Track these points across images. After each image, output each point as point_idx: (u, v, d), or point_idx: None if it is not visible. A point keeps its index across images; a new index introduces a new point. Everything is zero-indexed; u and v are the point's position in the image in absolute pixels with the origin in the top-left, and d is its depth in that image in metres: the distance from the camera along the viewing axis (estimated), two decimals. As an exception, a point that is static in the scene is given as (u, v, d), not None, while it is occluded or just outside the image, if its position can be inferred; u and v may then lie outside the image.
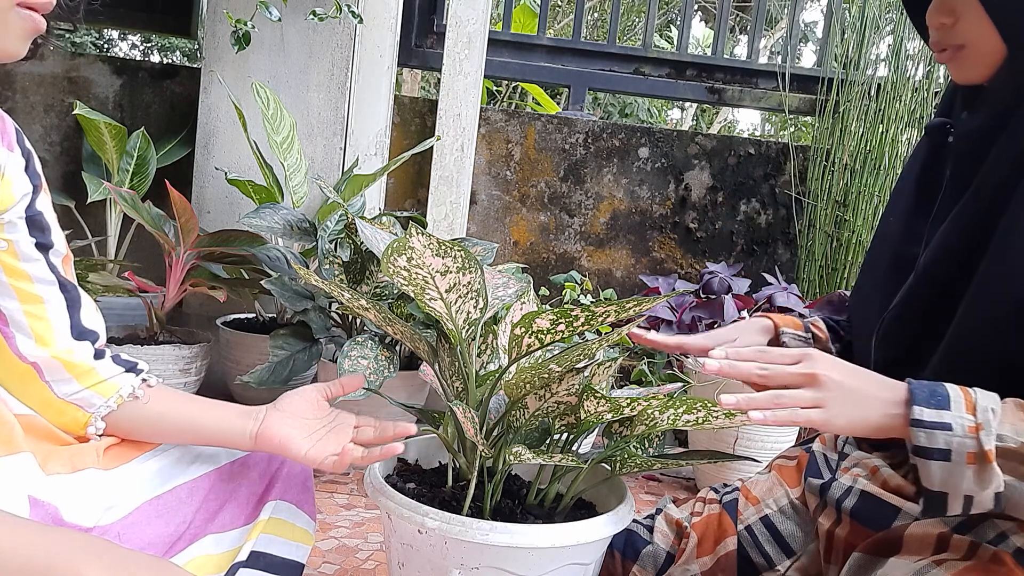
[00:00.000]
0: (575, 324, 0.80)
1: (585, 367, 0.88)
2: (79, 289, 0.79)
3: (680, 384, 1.17)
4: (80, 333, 0.78)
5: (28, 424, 0.74)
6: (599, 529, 0.83)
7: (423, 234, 0.80)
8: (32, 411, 0.76)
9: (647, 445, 0.99)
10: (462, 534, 0.80)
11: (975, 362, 0.74)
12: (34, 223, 0.74)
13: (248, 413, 0.81)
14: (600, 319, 0.79)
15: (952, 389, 0.69)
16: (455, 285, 0.84)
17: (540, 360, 0.95)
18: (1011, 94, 0.76)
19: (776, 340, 0.97)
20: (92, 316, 0.81)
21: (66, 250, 0.79)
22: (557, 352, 0.86)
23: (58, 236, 0.77)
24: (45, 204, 0.76)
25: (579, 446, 1.00)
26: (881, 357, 0.85)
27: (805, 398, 0.69)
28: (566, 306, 0.83)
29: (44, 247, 0.75)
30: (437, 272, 0.83)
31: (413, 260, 0.81)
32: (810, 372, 0.70)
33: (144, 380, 0.82)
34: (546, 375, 0.83)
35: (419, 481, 0.97)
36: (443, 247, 0.81)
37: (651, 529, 1.02)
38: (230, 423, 0.80)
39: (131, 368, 0.82)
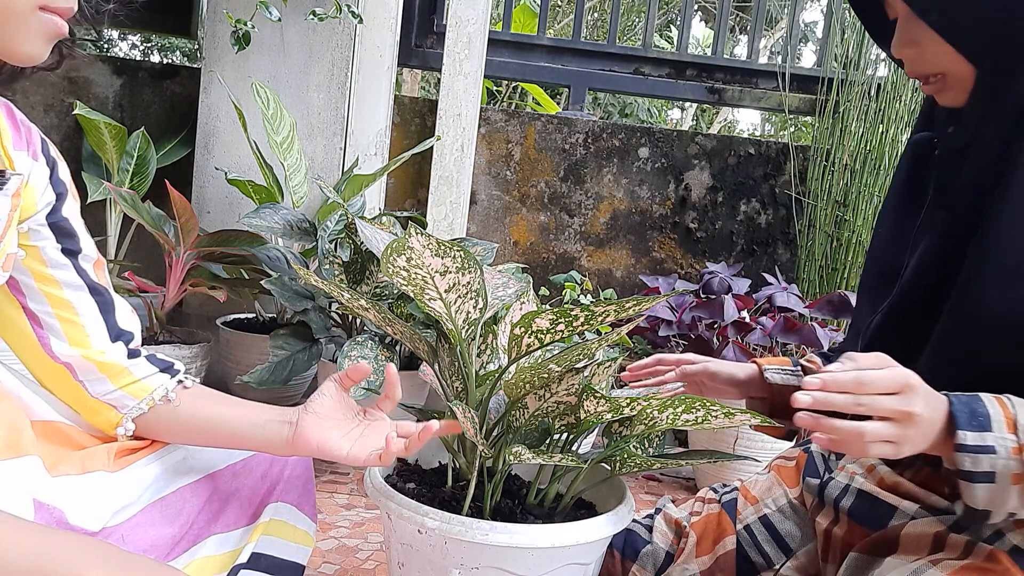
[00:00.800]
0: (575, 324, 0.80)
1: (585, 367, 0.88)
2: (111, 292, 0.79)
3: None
4: (116, 335, 0.79)
5: (47, 429, 0.75)
6: (599, 529, 0.83)
7: (422, 234, 0.80)
8: (58, 417, 0.77)
9: (647, 445, 0.99)
10: (462, 534, 0.80)
11: (960, 361, 0.74)
12: (60, 229, 0.75)
13: (283, 417, 0.80)
14: (600, 319, 0.79)
15: (990, 405, 0.67)
16: (454, 285, 0.84)
17: (540, 360, 0.95)
18: (988, 109, 0.77)
19: (760, 377, 0.96)
20: (127, 317, 0.81)
21: (96, 255, 0.79)
22: (557, 352, 0.86)
23: (87, 241, 0.78)
24: (71, 210, 0.77)
25: (579, 446, 1.01)
26: None
27: (885, 434, 0.65)
28: (566, 306, 0.83)
29: (72, 252, 0.76)
30: (436, 272, 0.83)
31: (412, 260, 0.82)
32: (907, 411, 0.65)
33: (180, 382, 0.82)
34: (546, 375, 0.83)
35: (419, 481, 0.97)
36: (442, 247, 0.81)
37: (650, 529, 1.02)
38: (265, 428, 0.79)
39: (167, 368, 0.82)
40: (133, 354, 0.79)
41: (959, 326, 0.75)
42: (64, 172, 0.76)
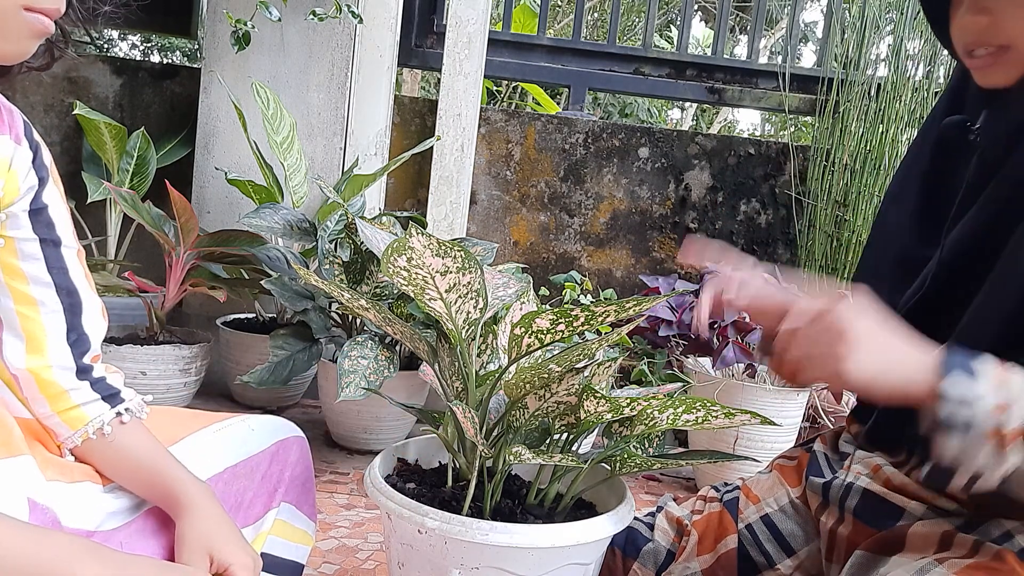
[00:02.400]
0: (575, 324, 0.80)
1: (585, 367, 0.88)
2: (82, 291, 0.77)
3: (680, 384, 1.17)
4: (76, 339, 0.76)
5: (27, 426, 0.74)
6: (599, 529, 0.83)
7: (423, 234, 0.80)
8: (31, 415, 0.76)
9: (647, 445, 0.98)
10: (462, 534, 0.80)
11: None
12: (39, 217, 0.73)
13: (172, 501, 0.74)
14: (600, 319, 0.79)
15: (986, 363, 0.65)
16: (455, 285, 0.84)
17: (540, 360, 0.94)
18: None
19: None
20: (94, 321, 0.78)
21: (77, 244, 0.77)
22: (557, 352, 0.86)
23: (67, 230, 0.75)
24: (52, 196, 0.74)
25: (579, 446, 1.00)
26: None
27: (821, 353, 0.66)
28: (566, 306, 0.83)
29: (50, 243, 0.74)
30: (437, 272, 0.83)
31: (413, 260, 0.81)
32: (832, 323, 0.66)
33: (119, 414, 0.77)
34: (546, 375, 0.83)
35: (419, 481, 0.97)
36: (443, 247, 0.81)
37: (652, 527, 1.02)
38: (158, 499, 0.75)
39: (110, 396, 0.78)
40: (83, 370, 0.76)
41: (987, 311, 0.73)
42: (47, 156, 0.74)
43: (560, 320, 0.80)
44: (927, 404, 0.66)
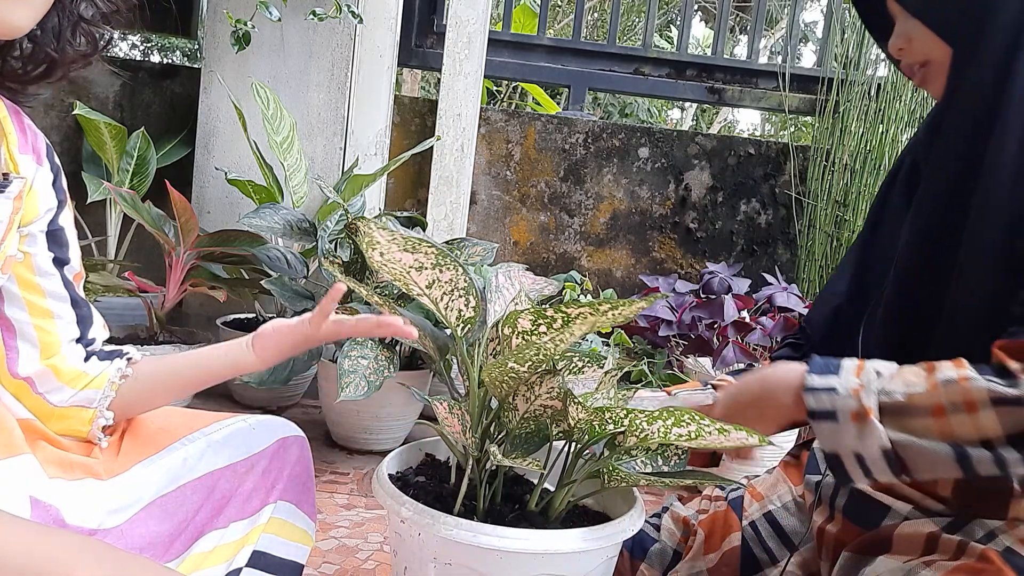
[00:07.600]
0: (554, 326, 0.79)
1: (559, 370, 0.87)
2: (91, 307, 0.80)
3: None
4: (84, 343, 0.79)
5: (29, 427, 0.74)
6: (570, 542, 0.80)
7: (384, 228, 0.79)
8: (33, 416, 0.76)
9: (658, 460, 0.96)
10: (430, 527, 0.79)
11: (978, 324, 0.74)
12: (54, 238, 0.75)
13: (237, 340, 0.83)
14: (576, 322, 0.78)
15: (849, 360, 0.74)
16: (435, 282, 0.83)
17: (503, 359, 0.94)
18: (955, 85, 0.80)
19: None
20: (99, 331, 0.81)
21: (80, 268, 0.79)
22: (512, 349, 0.84)
23: (75, 253, 0.78)
24: (67, 219, 0.77)
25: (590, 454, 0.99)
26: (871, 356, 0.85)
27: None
28: (539, 307, 0.82)
29: (60, 262, 0.76)
30: (411, 268, 0.82)
31: (384, 255, 0.81)
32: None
33: (128, 359, 0.82)
34: (514, 374, 0.81)
35: (430, 475, 0.96)
36: (410, 243, 0.80)
37: (658, 528, 1.02)
38: (226, 350, 0.82)
39: (115, 355, 0.82)
40: (88, 356, 0.80)
41: (970, 278, 0.76)
42: (64, 180, 0.77)
43: (540, 321, 0.79)
44: (802, 406, 0.73)
